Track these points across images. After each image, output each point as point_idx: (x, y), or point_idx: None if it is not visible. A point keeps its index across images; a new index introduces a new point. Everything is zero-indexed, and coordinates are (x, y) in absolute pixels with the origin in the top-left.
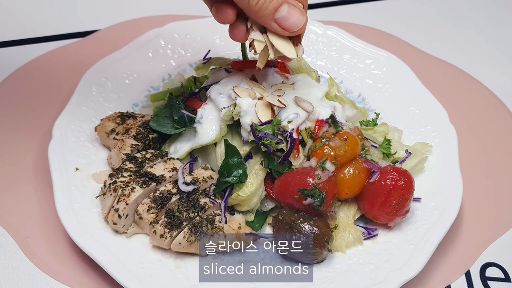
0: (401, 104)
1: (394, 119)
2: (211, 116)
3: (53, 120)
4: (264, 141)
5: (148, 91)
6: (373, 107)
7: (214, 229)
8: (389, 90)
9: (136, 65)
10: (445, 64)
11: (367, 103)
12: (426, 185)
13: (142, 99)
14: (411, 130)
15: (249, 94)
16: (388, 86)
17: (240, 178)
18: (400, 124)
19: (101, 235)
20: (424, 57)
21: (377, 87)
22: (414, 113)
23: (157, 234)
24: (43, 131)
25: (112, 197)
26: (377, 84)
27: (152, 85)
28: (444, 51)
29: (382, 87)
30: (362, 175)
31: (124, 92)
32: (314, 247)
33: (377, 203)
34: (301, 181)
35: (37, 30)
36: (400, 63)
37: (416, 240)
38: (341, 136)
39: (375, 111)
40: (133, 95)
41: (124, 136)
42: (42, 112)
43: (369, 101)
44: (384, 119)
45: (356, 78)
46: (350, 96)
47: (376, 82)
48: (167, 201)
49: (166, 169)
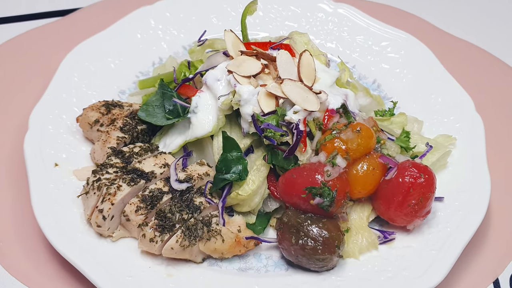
0: (421, 91)
1: (413, 108)
2: (207, 105)
3: (29, 110)
4: (267, 133)
5: (137, 77)
6: (389, 95)
7: (211, 232)
8: (408, 75)
9: (123, 47)
10: (471, 47)
11: (382, 91)
12: (450, 183)
13: (129, 86)
14: (433, 120)
15: (251, 80)
16: (406, 71)
17: (240, 175)
18: (420, 114)
19: (84, 239)
20: (447, 38)
21: (394, 72)
22: (436, 102)
23: (147, 238)
24: (18, 121)
25: (96, 196)
26: (394, 69)
27: (141, 70)
28: (471, 31)
29: (400, 72)
30: (377, 172)
31: (109, 78)
32: (323, 252)
33: (394, 203)
34: (309, 178)
35: (9, 8)
36: (420, 45)
37: (438, 245)
38: (353, 128)
39: (392, 99)
40: (119, 81)
41: (109, 127)
42: (16, 101)
43: (385, 88)
44: (402, 108)
45: (371, 62)
46: (363, 82)
47: (393, 66)
48: (157, 201)
49: (157, 165)
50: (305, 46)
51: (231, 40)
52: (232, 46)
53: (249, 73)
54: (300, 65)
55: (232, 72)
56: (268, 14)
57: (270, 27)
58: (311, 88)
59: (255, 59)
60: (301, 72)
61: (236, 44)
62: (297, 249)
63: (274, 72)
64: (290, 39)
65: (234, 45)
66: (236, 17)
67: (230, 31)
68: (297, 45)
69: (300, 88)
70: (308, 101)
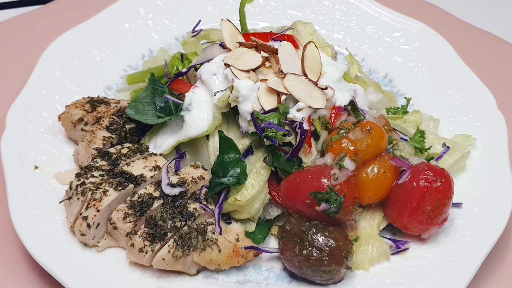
0: (437, 87)
1: (428, 105)
2: (202, 102)
3: (6, 107)
4: (268, 133)
5: (125, 71)
6: (402, 91)
7: (206, 241)
8: (423, 69)
9: (110, 39)
10: (493, 38)
11: (395, 86)
12: (468, 187)
13: (116, 81)
14: (450, 119)
15: (250, 75)
16: (421, 65)
17: (238, 178)
18: (436, 112)
19: (66, 249)
20: (467, 28)
21: (408, 66)
22: (454, 98)
23: (136, 247)
24: None
25: (80, 202)
26: (408, 62)
27: (130, 64)
28: (492, 21)
29: (414, 65)
30: (389, 175)
31: (94, 72)
32: (329, 264)
33: (408, 210)
34: (314, 182)
35: None
36: (436, 36)
37: (456, 256)
38: (363, 127)
39: (405, 95)
40: (105, 76)
41: (95, 126)
42: None
43: (397, 83)
44: (416, 105)
45: (382, 55)
46: (374, 77)
47: (406, 59)
48: (147, 207)
49: (147, 168)
50: (309, 37)
51: (229, 30)
52: (230, 37)
53: (248, 67)
54: (304, 58)
55: (229, 66)
56: (269, 2)
57: (271, 16)
58: (317, 83)
59: (254, 52)
60: (306, 65)
61: (234, 35)
62: (301, 260)
63: (275, 65)
64: (293, 29)
65: (231, 36)
66: (234, 5)
67: (227, 21)
68: (301, 36)
69: (304, 84)
70: (313, 97)
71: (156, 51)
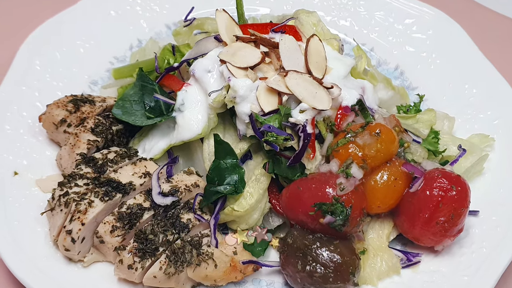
0: (452, 80)
1: (443, 101)
2: (195, 102)
3: None
4: (268, 137)
5: (111, 63)
6: (414, 84)
7: (201, 256)
8: (436, 61)
9: (94, 27)
10: None
11: (406, 79)
12: (486, 193)
13: (102, 75)
14: (466, 116)
15: (248, 73)
16: (435, 56)
17: (235, 186)
18: (451, 109)
19: (49, 264)
20: (485, 14)
21: (421, 56)
22: (470, 93)
23: (124, 264)
24: None
25: (63, 214)
26: (421, 52)
27: (116, 56)
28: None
29: (427, 56)
30: (400, 183)
31: (78, 65)
32: (335, 281)
33: (420, 220)
34: (318, 192)
35: None
36: (452, 24)
37: (472, 269)
38: (372, 130)
39: (418, 90)
40: (90, 69)
41: (79, 129)
42: None
43: (409, 76)
44: (430, 101)
45: (393, 45)
46: (384, 69)
47: (419, 49)
48: (137, 219)
49: (136, 174)
50: (313, 28)
51: (224, 22)
52: (226, 30)
53: (246, 64)
54: (307, 53)
55: (225, 62)
56: None
57: (271, 1)
58: (321, 82)
59: (253, 47)
60: (309, 61)
61: (231, 28)
62: (304, 277)
63: (276, 61)
64: (295, 19)
65: (228, 28)
66: None
67: (223, 11)
68: (304, 26)
69: (307, 82)
70: (318, 98)
71: (145, 40)
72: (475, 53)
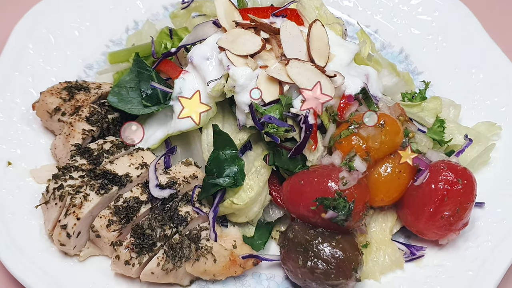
0: (459, 64)
1: (448, 87)
2: (193, 90)
3: None
4: (268, 129)
5: (107, 46)
6: (419, 69)
7: (200, 250)
8: (443, 44)
9: (89, 9)
10: None
11: (411, 63)
12: (492, 184)
13: (98, 59)
14: (473, 103)
15: (248, 61)
16: (441, 39)
17: (235, 179)
18: (457, 95)
19: (44, 259)
20: None
21: (426, 39)
22: (477, 78)
23: (121, 259)
24: None
25: (58, 207)
26: (426, 35)
27: (112, 38)
28: None
29: (433, 39)
30: (404, 175)
31: (73, 49)
32: (336, 277)
33: (425, 214)
34: (320, 186)
35: None
36: (459, 5)
37: (477, 264)
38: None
39: (423, 76)
40: (85, 53)
41: (73, 118)
42: None
43: (414, 59)
44: (435, 87)
45: (397, 27)
46: (388, 52)
47: (424, 32)
48: (133, 213)
49: (132, 166)
50: (316, 12)
51: (223, 7)
52: (225, 15)
53: (245, 52)
54: (310, 40)
55: (224, 50)
56: None
57: None
58: (324, 71)
59: (253, 34)
60: (311, 48)
61: (230, 13)
62: (305, 273)
63: (277, 48)
64: (297, 2)
65: (227, 13)
66: None
67: None
68: (306, 10)
69: (310, 71)
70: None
71: (142, 22)
72: (482, 36)
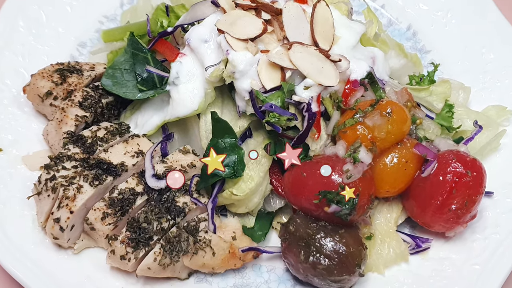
0: (468, 43)
1: (457, 68)
2: (191, 75)
3: None
4: (269, 118)
5: (100, 23)
6: (427, 47)
7: (198, 243)
8: (452, 20)
9: None
10: None
11: (419, 41)
12: (501, 172)
13: (91, 36)
14: (483, 85)
15: (248, 45)
16: (451, 15)
17: (234, 169)
18: (466, 76)
19: (37, 252)
20: None
21: (435, 16)
22: (488, 58)
23: (117, 254)
24: None
25: (51, 199)
26: (435, 11)
27: (106, 14)
28: None
29: (442, 16)
30: (411, 165)
31: (65, 26)
32: (339, 273)
33: (432, 207)
34: (323, 179)
35: None
36: None
37: (485, 257)
38: (382, 110)
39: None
40: (78, 30)
41: (66, 103)
42: None
43: (422, 37)
44: (443, 66)
45: (405, 1)
46: (395, 29)
47: (433, 8)
48: (129, 206)
49: (128, 154)
50: None
51: None
52: None
53: (246, 36)
54: (314, 22)
55: (223, 32)
56: None
57: None
58: (328, 55)
59: (254, 16)
60: (316, 31)
61: None
62: (306, 268)
63: (279, 31)
64: None
65: None
66: None
67: None
68: None
69: (313, 56)
70: (324, 73)
71: None
72: (494, 13)
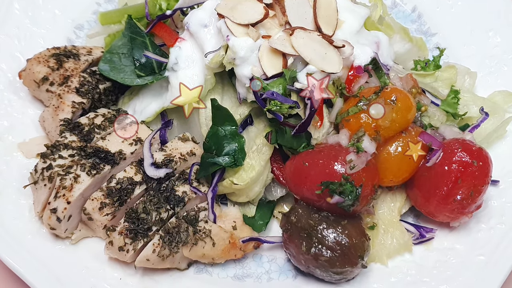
0: (475, 26)
1: (463, 52)
2: (190, 61)
3: None
4: (271, 106)
5: (98, 4)
6: (432, 30)
7: (198, 234)
8: (458, 2)
9: None
10: None
11: (424, 23)
12: (507, 160)
13: (88, 18)
14: (489, 69)
15: (249, 31)
16: None
17: (235, 158)
18: (472, 60)
19: (34, 242)
20: None
21: None
22: (495, 42)
23: (115, 245)
24: None
25: (47, 189)
26: None
27: None
28: None
29: None
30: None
31: (61, 7)
32: (342, 265)
33: (436, 197)
34: (325, 169)
35: None
36: None
37: (490, 248)
38: (386, 97)
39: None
40: (75, 12)
41: (62, 89)
42: None
43: (427, 19)
44: (449, 50)
45: None
46: (399, 11)
47: None
48: (127, 195)
49: (126, 141)
50: None
51: None
52: None
53: (246, 21)
54: (317, 6)
55: (223, 17)
56: None
57: None
58: (332, 41)
59: (255, 0)
60: (319, 16)
61: None
62: (308, 259)
63: (281, 16)
64: None
65: None
66: None
67: None
68: None
69: (316, 42)
70: (327, 59)
71: None
72: None
